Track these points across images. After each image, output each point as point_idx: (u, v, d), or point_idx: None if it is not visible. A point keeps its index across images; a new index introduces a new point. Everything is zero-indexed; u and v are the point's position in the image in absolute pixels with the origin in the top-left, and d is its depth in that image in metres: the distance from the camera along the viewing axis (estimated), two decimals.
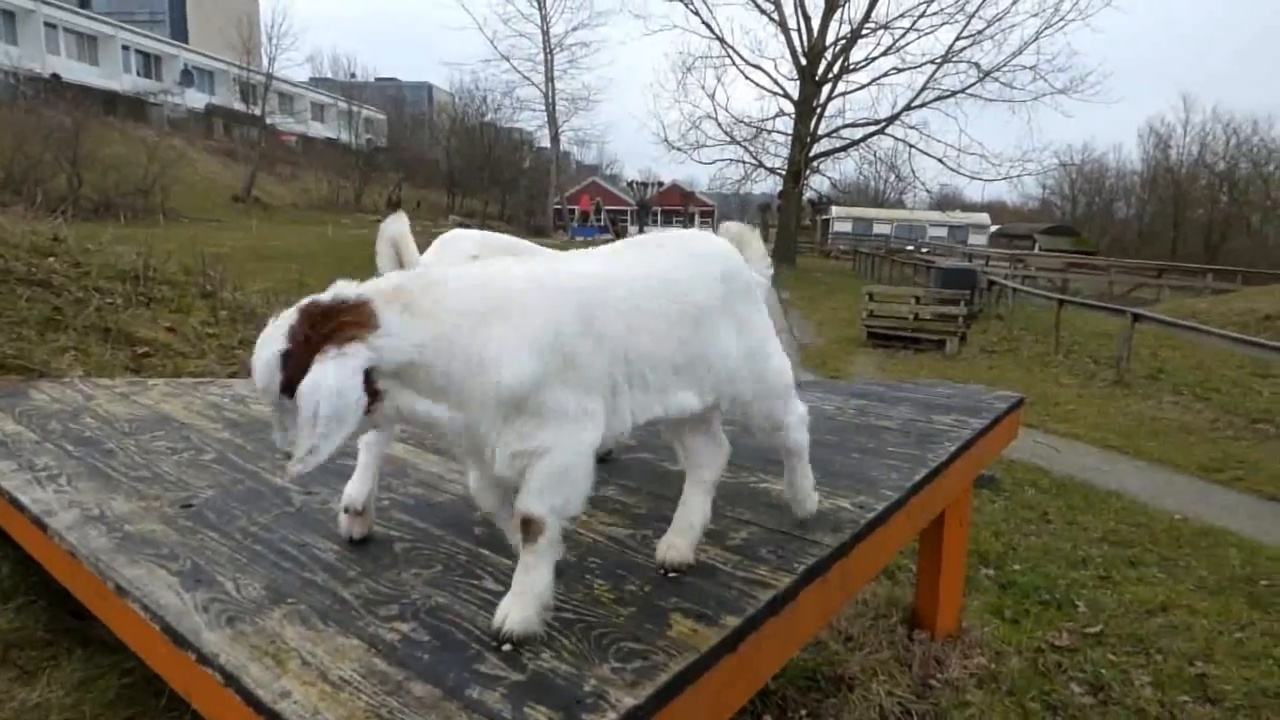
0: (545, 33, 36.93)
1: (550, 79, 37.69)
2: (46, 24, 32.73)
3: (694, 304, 1.75)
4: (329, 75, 52.76)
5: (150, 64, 38.59)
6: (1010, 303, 16.67)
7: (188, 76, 39.46)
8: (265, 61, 37.88)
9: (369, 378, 1.30)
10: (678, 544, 1.86)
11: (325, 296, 1.35)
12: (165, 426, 2.94)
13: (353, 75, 53.59)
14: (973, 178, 29.77)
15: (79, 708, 2.30)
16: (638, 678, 1.40)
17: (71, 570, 2.00)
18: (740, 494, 2.37)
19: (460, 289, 1.43)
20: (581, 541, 2.00)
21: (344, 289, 1.37)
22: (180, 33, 44.53)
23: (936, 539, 3.41)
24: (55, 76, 29.16)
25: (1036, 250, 34.02)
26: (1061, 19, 26.45)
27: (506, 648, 1.49)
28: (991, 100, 28.26)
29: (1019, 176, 29.64)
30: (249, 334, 5.12)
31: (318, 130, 45.43)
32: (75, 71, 32.42)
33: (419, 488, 2.38)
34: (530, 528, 1.49)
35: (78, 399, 3.24)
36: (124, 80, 35.27)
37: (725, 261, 1.89)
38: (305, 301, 1.34)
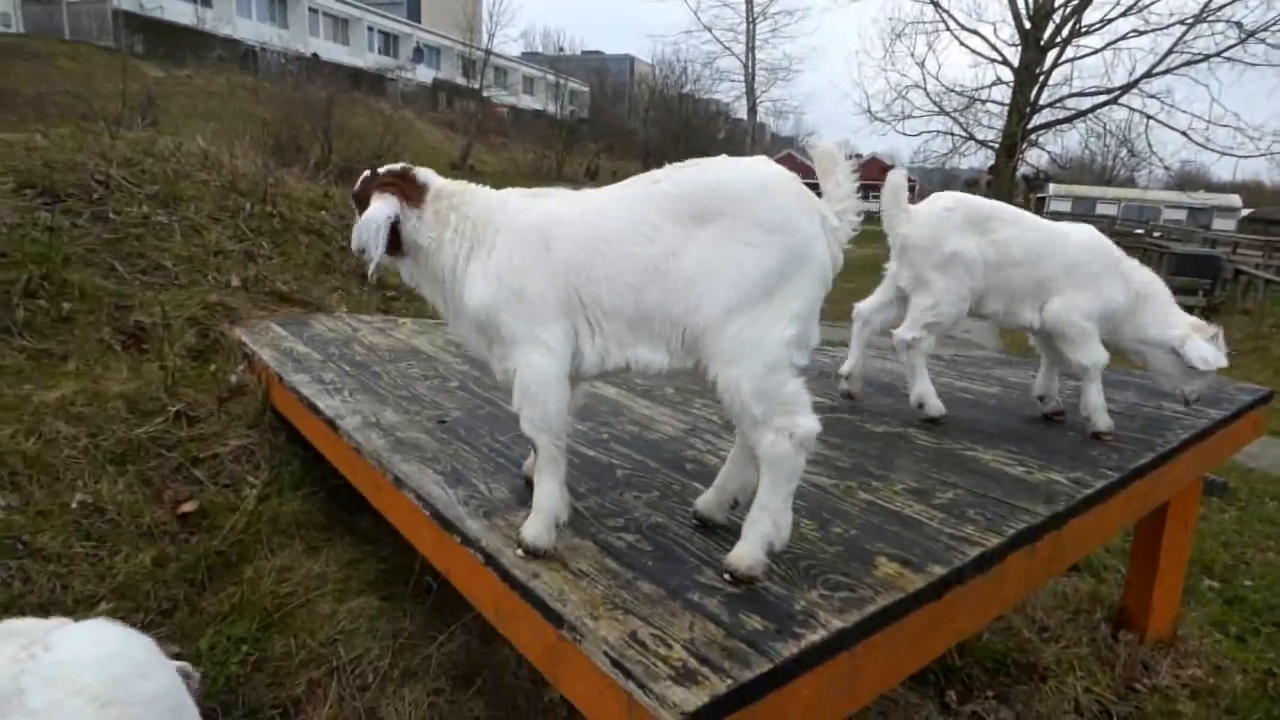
0: (749, 2, 36.42)
1: (751, 49, 37.15)
2: (309, 9, 37.24)
3: (662, 249, 1.59)
4: (539, 50, 55.54)
5: (389, 43, 42.69)
6: (1261, 296, 14.46)
7: (418, 54, 43.22)
8: (485, 38, 40.66)
9: (396, 231, 1.75)
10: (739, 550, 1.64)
11: (409, 167, 1.82)
12: (416, 357, 3.40)
13: (560, 49, 56.06)
14: (1224, 153, 25.60)
15: (348, 582, 2.77)
16: (845, 606, 1.50)
17: (354, 464, 2.41)
18: (946, 459, 2.36)
19: (475, 214, 1.75)
20: None
21: (424, 172, 1.82)
22: (414, 13, 48.70)
23: (1155, 535, 3.18)
24: (315, 56, 33.09)
25: None
26: None
27: (519, 553, 1.67)
28: (1254, 64, 24.08)
29: None
30: None
31: (527, 102, 48.11)
32: (330, 51, 36.64)
33: (634, 425, 2.60)
34: (533, 447, 1.71)
35: (347, 330, 3.82)
36: (368, 58, 39.35)
37: (729, 191, 1.60)
38: (396, 166, 1.82)
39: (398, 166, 1.82)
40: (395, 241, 1.75)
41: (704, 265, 1.57)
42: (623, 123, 44.59)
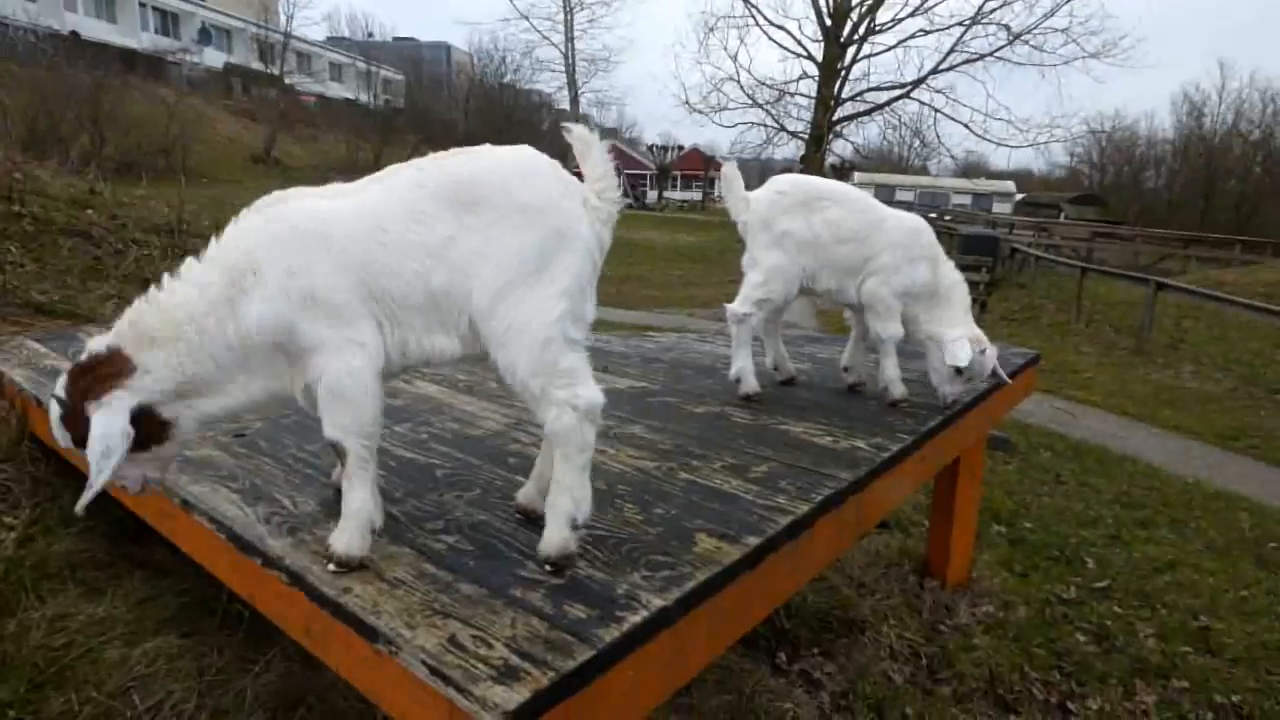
0: None
1: (570, 39, 37.26)
2: None
3: (439, 236, 1.61)
4: (346, 34, 52.50)
5: (168, 21, 38.46)
6: (1033, 271, 16.54)
7: (205, 35, 39.34)
8: (283, 20, 37.81)
9: (151, 413, 1.51)
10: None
11: (82, 355, 1.53)
12: None
13: (370, 35, 53.29)
14: (999, 143, 29.18)
15: (141, 623, 2.47)
16: (666, 584, 1.52)
17: None
18: (761, 434, 2.47)
19: (185, 293, 1.53)
20: (611, 471, 2.12)
21: (94, 344, 1.53)
22: None
23: (949, 490, 3.52)
24: (74, 34, 29.20)
25: (1062, 219, 33.50)
26: None
27: (331, 567, 1.56)
28: (1021, 64, 27.53)
29: (1047, 143, 28.85)
30: None
31: (336, 91, 45.27)
32: (94, 29, 32.40)
33: (455, 423, 2.51)
34: (339, 454, 1.61)
35: None
36: (142, 38, 35.22)
37: (493, 179, 1.66)
38: (69, 365, 1.54)
39: (69, 371, 1.51)
40: (152, 425, 1.51)
41: (475, 250, 1.61)
42: (443, 113, 43.19)
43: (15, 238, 4.16)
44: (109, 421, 1.43)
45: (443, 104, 45.40)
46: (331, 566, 1.56)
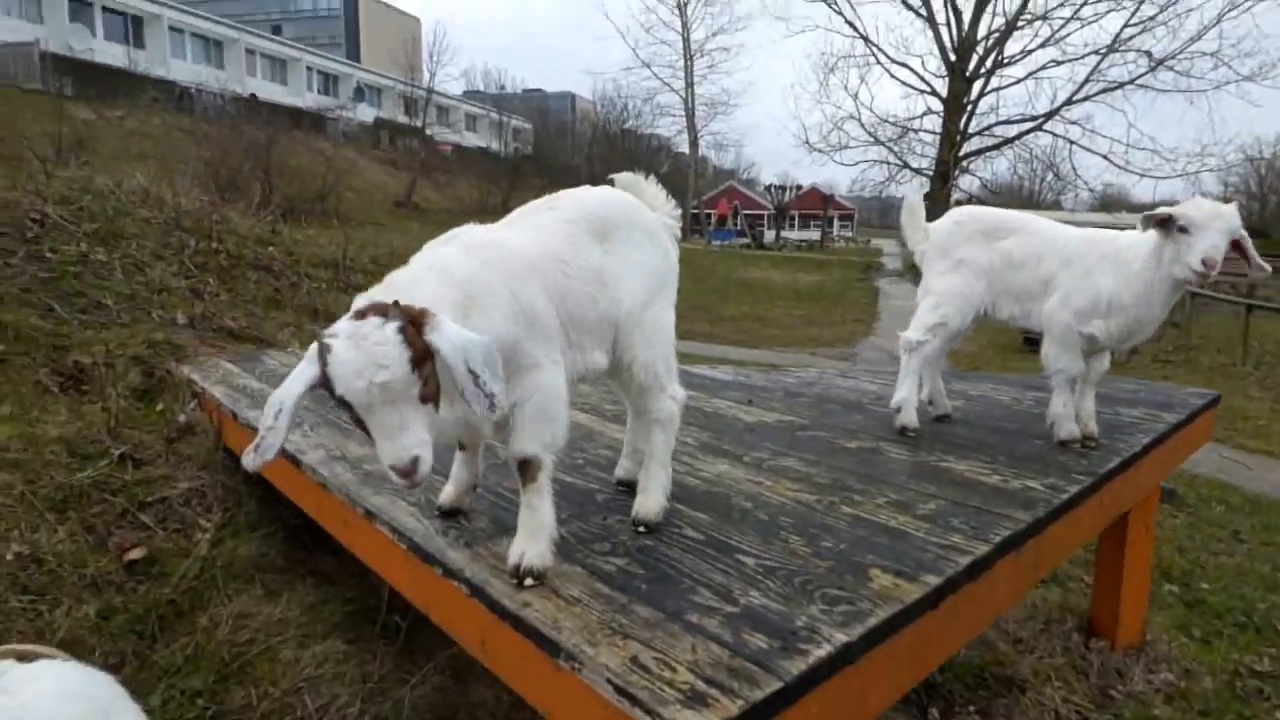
0: (686, 39, 37.31)
1: (690, 84, 38.05)
2: (247, 50, 36.90)
3: (595, 263, 1.83)
4: (481, 88, 55.87)
5: (329, 83, 42.46)
6: (1188, 309, 15.19)
7: (359, 93, 43.07)
8: (426, 77, 40.75)
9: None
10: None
11: (380, 298, 1.45)
12: None
13: (502, 87, 56.50)
14: (1143, 175, 27.12)
15: (311, 626, 2.63)
16: (846, 619, 1.47)
17: (319, 501, 2.30)
18: (922, 471, 2.37)
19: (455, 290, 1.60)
20: (770, 503, 2.08)
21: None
22: (354, 54, 48.66)
23: (1119, 542, 3.24)
24: (253, 96, 32.64)
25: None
26: None
27: (530, 582, 1.59)
28: (1165, 91, 25.57)
29: (1197, 173, 26.56)
30: None
31: (470, 140, 48.19)
32: (269, 91, 36.24)
33: (607, 450, 2.54)
34: (528, 468, 1.70)
35: None
36: (307, 98, 39.00)
37: (617, 209, 1.96)
38: (371, 304, 1.41)
39: (386, 307, 1.39)
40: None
41: (619, 269, 1.88)
42: (567, 158, 44.97)
43: (213, 271, 4.65)
44: (460, 330, 1.43)
45: (566, 150, 47.30)
46: (528, 580, 1.60)
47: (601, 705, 1.29)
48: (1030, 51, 27.23)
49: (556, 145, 48.18)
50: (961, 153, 28.64)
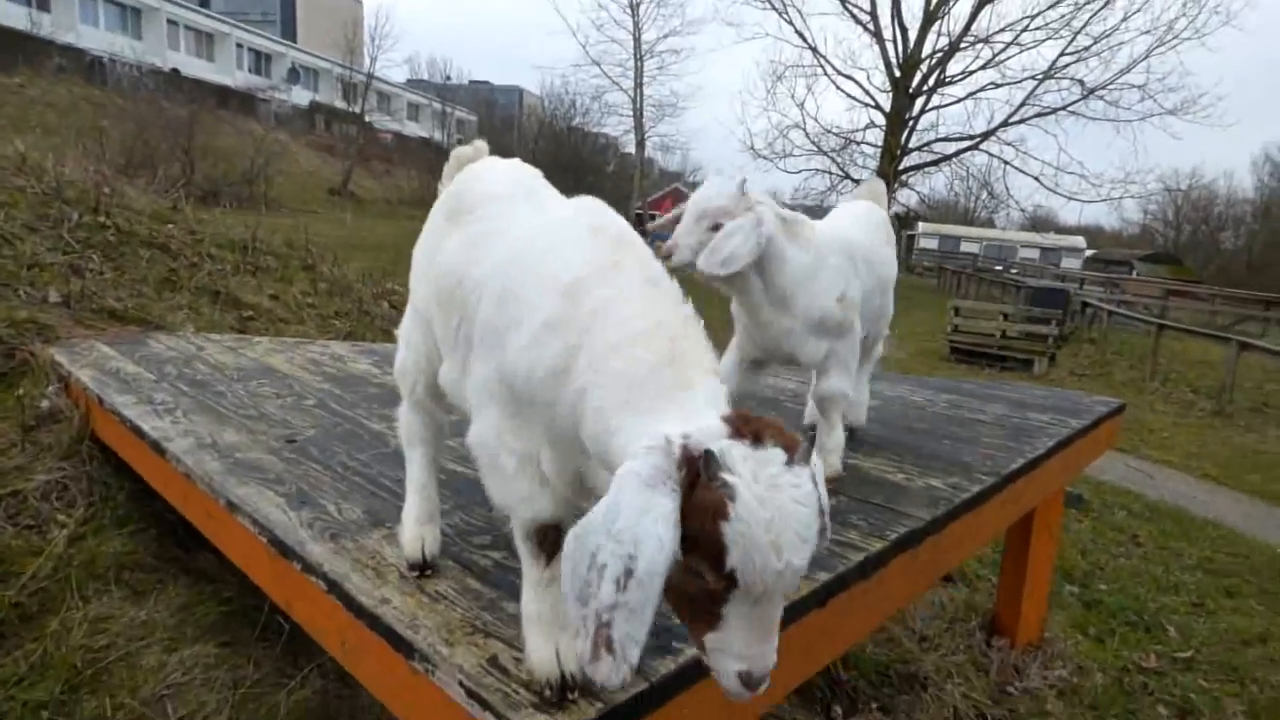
0: (637, 39, 37.17)
1: (639, 85, 37.94)
2: (169, 21, 34.83)
3: None
4: (425, 77, 54.60)
5: (261, 61, 40.72)
6: (1104, 326, 15.91)
7: (294, 74, 41.48)
8: (367, 62, 39.57)
9: None
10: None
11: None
12: (270, 376, 3.09)
13: (448, 78, 55.32)
14: (1070, 198, 28.30)
15: (181, 629, 2.43)
16: None
17: (185, 492, 2.12)
18: None
19: None
20: None
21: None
22: (290, 32, 46.88)
23: (1023, 543, 3.29)
24: (175, 71, 31.07)
25: (1134, 276, 32.32)
26: (1175, 37, 24.74)
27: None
28: (1095, 119, 26.74)
29: (1120, 199, 27.87)
30: (344, 306, 5.34)
31: (412, 129, 47.06)
32: (193, 67, 34.41)
33: None
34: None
35: (190, 349, 3.44)
36: (236, 76, 37.30)
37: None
38: (763, 422, 1.07)
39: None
40: None
41: None
42: (512, 153, 44.25)
43: (98, 247, 4.30)
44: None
45: (512, 144, 46.71)
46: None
47: (453, 709, 1.18)
48: (971, 72, 28.16)
49: (502, 139, 47.48)
50: (901, 166, 29.40)
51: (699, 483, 0.94)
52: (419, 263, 1.61)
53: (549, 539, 1.21)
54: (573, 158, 41.84)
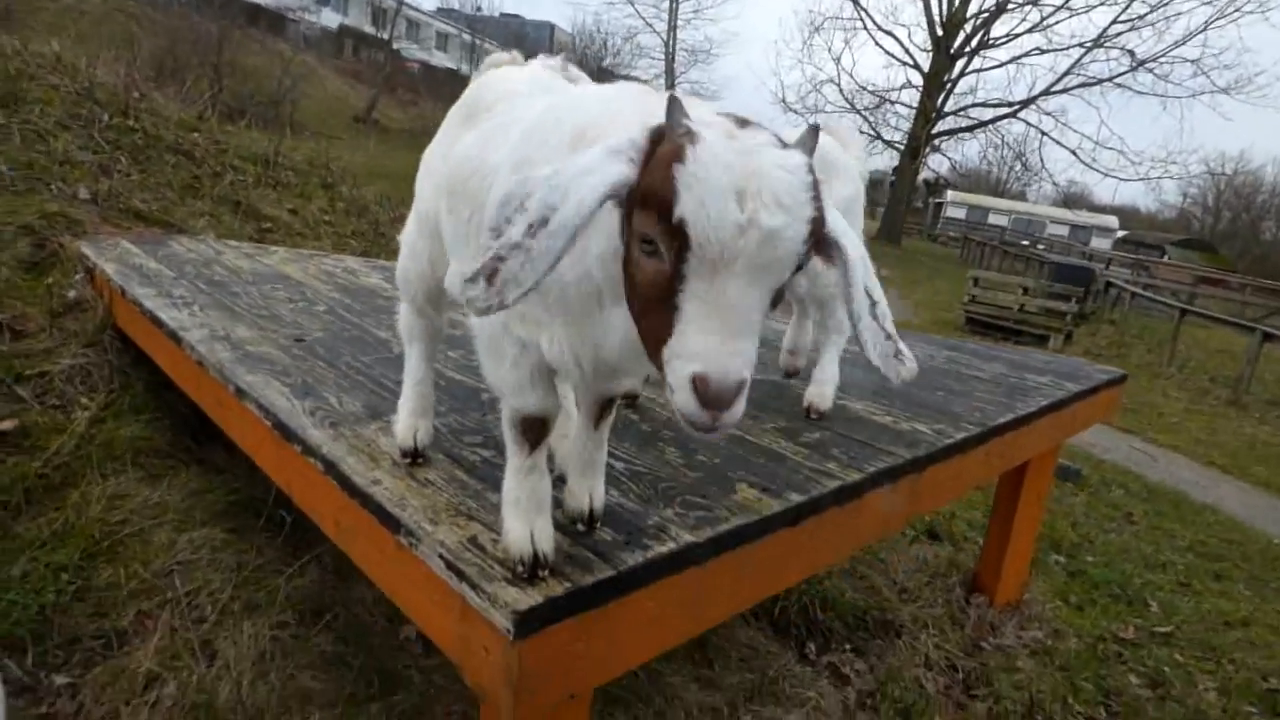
0: None
1: (673, 27, 37.09)
2: None
3: None
4: (456, 6, 53.58)
5: None
6: (1126, 309, 15.70)
7: None
8: None
9: None
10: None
11: None
12: (284, 282, 3.16)
13: (478, 8, 54.14)
14: (1107, 174, 27.68)
15: (190, 512, 2.56)
16: (698, 524, 1.47)
17: (197, 379, 2.21)
18: None
19: None
20: (657, 417, 2.07)
21: None
22: None
23: (1010, 505, 3.34)
24: None
25: (1165, 260, 31.71)
26: (1237, 9, 23.62)
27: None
28: (1142, 93, 25.89)
29: (1159, 179, 27.23)
30: (361, 226, 5.40)
31: (440, 60, 46.33)
32: None
33: None
34: (612, 406, 1.45)
35: (209, 252, 3.52)
36: None
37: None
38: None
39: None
40: None
41: None
42: None
43: (126, 149, 4.36)
44: None
45: None
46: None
47: (433, 581, 1.27)
48: (1016, 35, 27.24)
49: None
50: (935, 130, 28.73)
51: (662, 139, 0.86)
52: (429, 165, 1.62)
53: (533, 430, 1.27)
54: None
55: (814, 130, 0.90)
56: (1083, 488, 6.03)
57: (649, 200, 0.84)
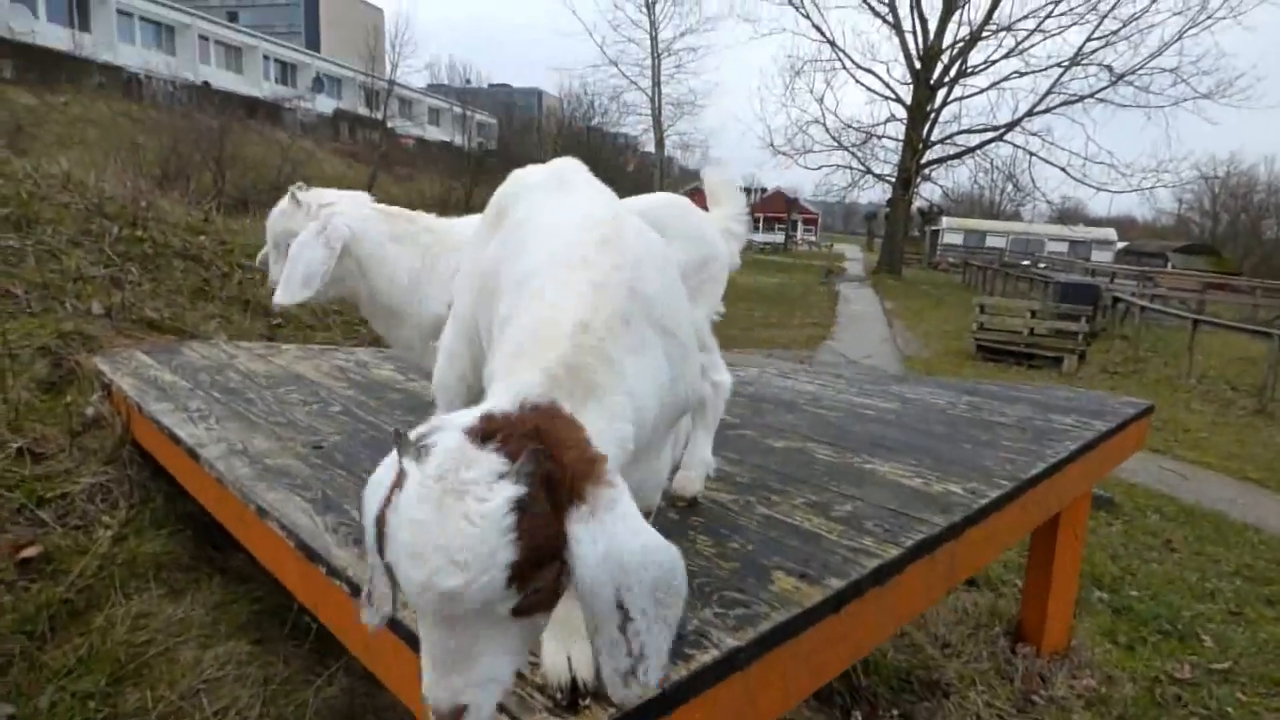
0: (654, 38, 37.19)
1: (657, 84, 37.98)
2: (200, 36, 35.82)
3: None
4: (445, 81, 55.18)
5: (287, 72, 41.51)
6: (1137, 322, 15.60)
7: (319, 83, 42.21)
8: (389, 68, 40.12)
9: None
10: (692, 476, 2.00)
11: (527, 394, 0.96)
12: (297, 383, 3.17)
13: (467, 81, 55.83)
14: (1099, 188, 27.78)
15: (215, 626, 2.52)
16: (740, 624, 1.42)
17: (218, 496, 2.19)
18: (845, 472, 2.34)
19: None
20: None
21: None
22: (314, 43, 47.66)
23: (1048, 548, 3.26)
24: (206, 84, 31.85)
25: (1170, 270, 31.62)
26: (1209, 16, 23.80)
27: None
28: (1124, 106, 26.13)
29: (1152, 188, 27.25)
30: None
31: (434, 134, 47.58)
32: (223, 79, 35.34)
33: None
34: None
35: (222, 357, 3.55)
36: (264, 87, 38.10)
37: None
38: (504, 415, 0.91)
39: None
40: None
41: None
42: (532, 154, 44.68)
43: (136, 259, 4.46)
44: None
45: (532, 146, 46.95)
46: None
47: None
48: (994, 62, 27.75)
49: (522, 141, 47.75)
50: (924, 160, 29.07)
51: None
52: (465, 269, 1.63)
53: None
54: (592, 158, 41.82)
55: (533, 454, 0.83)
56: (1117, 516, 5.90)
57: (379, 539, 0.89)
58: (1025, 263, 30.96)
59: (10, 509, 2.66)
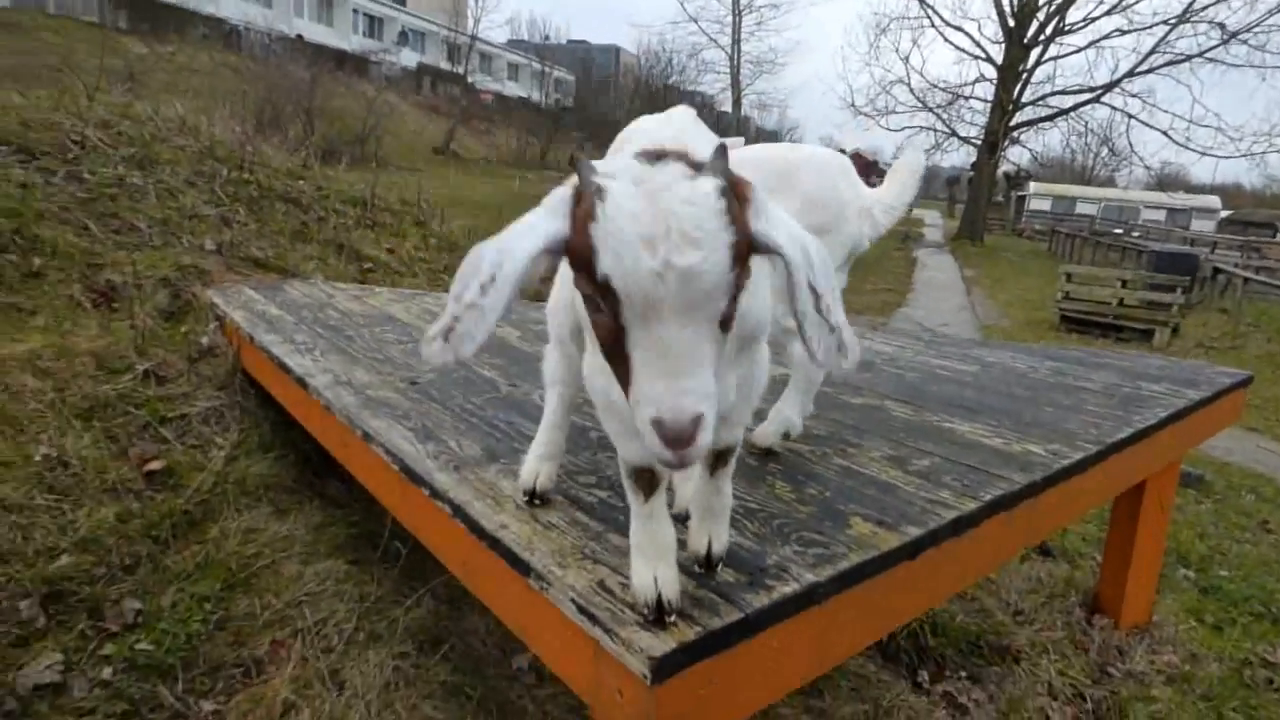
0: None
1: (736, 41, 37.07)
2: None
3: None
4: (525, 37, 55.10)
5: (374, 26, 42.27)
6: (1239, 295, 14.64)
7: (403, 37, 42.85)
8: (470, 23, 40.35)
9: None
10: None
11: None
12: (391, 324, 3.33)
13: (546, 37, 55.61)
14: (1204, 153, 25.77)
15: (315, 545, 2.72)
16: (818, 561, 1.47)
17: (324, 422, 2.35)
18: (923, 429, 2.34)
19: None
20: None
21: None
22: None
23: (1131, 518, 3.18)
24: (299, 36, 32.78)
25: (1278, 239, 29.36)
26: None
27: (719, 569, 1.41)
28: (1236, 65, 24.15)
29: (1264, 153, 25.19)
30: (453, 261, 5.62)
31: (512, 89, 47.82)
32: (314, 32, 36.32)
33: None
34: (729, 455, 1.37)
35: (322, 296, 3.75)
36: (352, 40, 38.98)
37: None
38: (668, 150, 0.99)
39: None
40: None
41: None
42: (608, 112, 44.42)
43: (243, 200, 4.73)
44: None
45: (608, 103, 46.65)
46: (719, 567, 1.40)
47: (566, 624, 1.32)
48: (1094, 19, 25.93)
49: (598, 98, 47.52)
50: (1013, 123, 27.61)
51: (581, 199, 0.89)
52: (556, 298, 1.56)
53: (643, 479, 1.29)
54: None
55: (721, 149, 0.92)
56: (1208, 494, 5.66)
57: (577, 263, 0.90)
58: (1118, 231, 29.26)
59: (138, 425, 2.91)
